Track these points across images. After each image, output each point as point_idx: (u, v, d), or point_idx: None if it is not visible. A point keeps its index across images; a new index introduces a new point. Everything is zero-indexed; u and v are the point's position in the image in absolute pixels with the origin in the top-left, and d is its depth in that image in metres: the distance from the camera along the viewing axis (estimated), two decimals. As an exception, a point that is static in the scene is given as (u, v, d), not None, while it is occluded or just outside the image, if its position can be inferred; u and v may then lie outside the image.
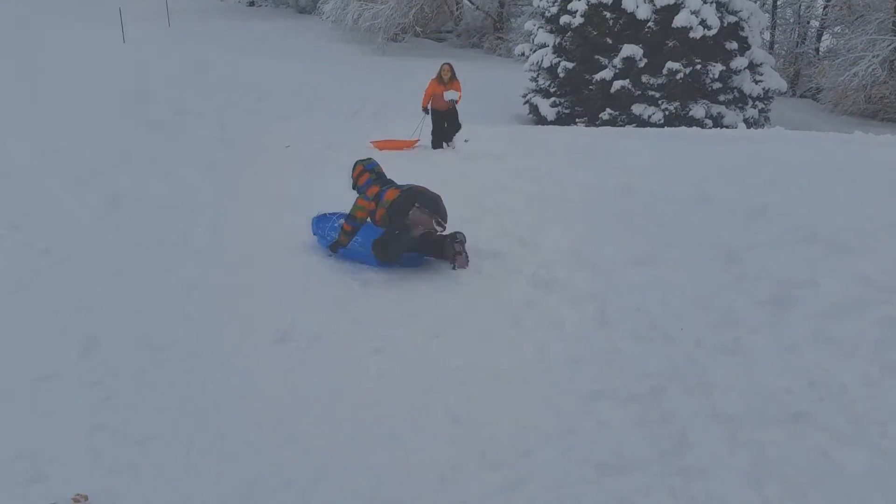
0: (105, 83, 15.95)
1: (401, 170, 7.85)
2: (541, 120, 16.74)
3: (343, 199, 5.61)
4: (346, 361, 3.75)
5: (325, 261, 5.19)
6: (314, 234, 5.47)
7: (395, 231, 4.75)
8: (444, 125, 10.38)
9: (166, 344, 3.86)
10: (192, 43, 25.18)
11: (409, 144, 10.39)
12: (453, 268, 4.84)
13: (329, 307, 4.41)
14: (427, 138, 10.57)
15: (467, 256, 4.85)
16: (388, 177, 5.33)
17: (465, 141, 10.46)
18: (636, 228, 5.79)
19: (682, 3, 14.80)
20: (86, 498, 2.59)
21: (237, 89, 16.60)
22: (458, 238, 4.81)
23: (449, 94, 10.12)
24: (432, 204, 4.75)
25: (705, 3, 14.96)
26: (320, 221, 5.63)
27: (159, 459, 2.86)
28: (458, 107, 10.41)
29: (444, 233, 4.82)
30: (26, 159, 8.51)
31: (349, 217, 5.00)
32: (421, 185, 5.08)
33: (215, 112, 13.35)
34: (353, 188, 5.26)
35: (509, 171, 8.34)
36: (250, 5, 42.27)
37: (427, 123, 10.52)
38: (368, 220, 5.02)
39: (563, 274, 4.78)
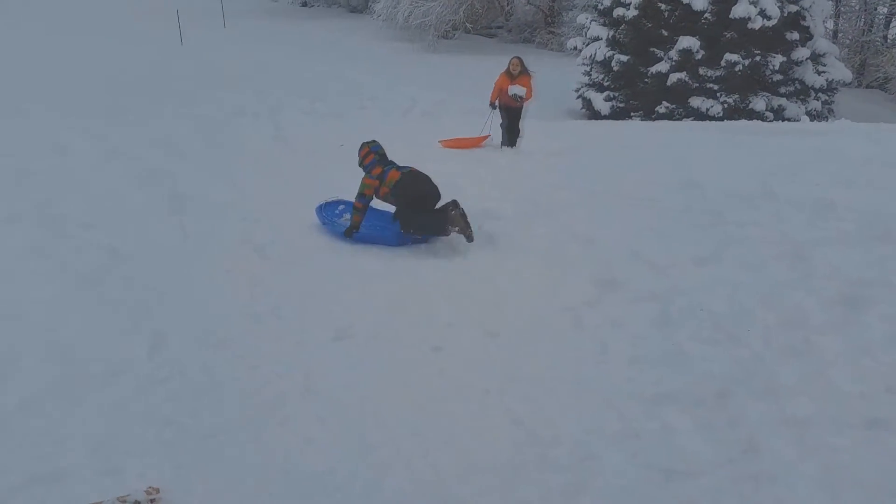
0: (164, 84, 16.39)
1: (453, 166, 7.87)
2: (594, 114, 16.51)
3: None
4: (405, 360, 3.76)
5: (382, 261, 5.21)
6: (322, 223, 5.82)
7: (407, 209, 5.28)
8: (510, 123, 9.64)
9: (230, 341, 3.94)
10: (247, 44, 25.70)
11: (479, 142, 9.83)
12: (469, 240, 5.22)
13: (386, 306, 4.43)
14: (498, 135, 9.86)
15: (469, 224, 5.18)
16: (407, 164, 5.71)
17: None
18: (697, 225, 5.65)
19: (740, -8, 14.39)
20: (157, 491, 2.66)
21: (292, 89, 16.83)
22: (461, 211, 5.15)
23: (513, 89, 9.37)
24: (426, 196, 5.32)
25: (765, -9, 14.51)
26: (325, 209, 6.01)
27: (227, 454, 2.92)
28: (526, 107, 9.49)
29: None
30: (90, 159, 8.78)
31: (359, 195, 5.43)
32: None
33: (271, 112, 13.57)
34: (360, 166, 5.69)
35: (563, 167, 8.24)
36: (303, 6, 42.87)
37: (496, 118, 9.84)
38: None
39: (622, 273, 4.69)
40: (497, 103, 9.67)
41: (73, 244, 5.54)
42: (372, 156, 5.63)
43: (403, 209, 5.29)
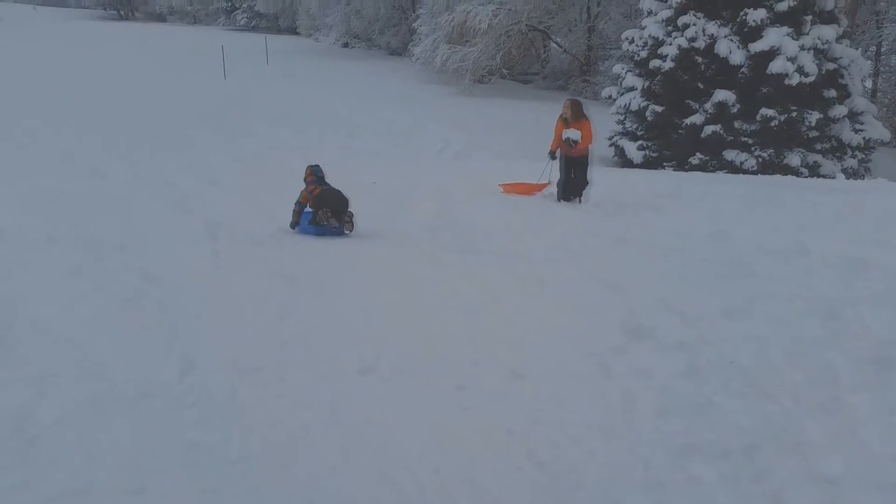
0: (204, 115, 16.89)
1: (487, 207, 7.95)
2: (626, 163, 16.57)
3: (423, 234, 5.66)
4: (428, 397, 3.77)
5: (410, 297, 5.26)
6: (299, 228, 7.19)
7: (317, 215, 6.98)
8: (572, 174, 8.92)
9: (258, 367, 3.99)
10: (288, 81, 26.39)
11: (538, 189, 9.31)
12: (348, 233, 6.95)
13: (412, 342, 4.45)
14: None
15: (353, 224, 6.98)
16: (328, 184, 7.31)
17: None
18: (728, 278, 5.62)
19: (777, 49, 14.44)
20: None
21: (328, 126, 17.22)
22: (349, 216, 6.99)
23: (567, 132, 8.73)
24: (333, 205, 6.93)
25: (802, 49, 14.55)
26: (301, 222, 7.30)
27: (252, 480, 2.94)
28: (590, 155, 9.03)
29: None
30: (127, 185, 9.06)
31: (296, 202, 7.13)
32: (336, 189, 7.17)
33: (307, 147, 13.87)
34: (304, 181, 7.30)
35: (593, 213, 8.28)
36: (344, 47, 44.02)
37: (556, 169, 9.17)
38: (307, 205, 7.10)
39: (651, 321, 4.67)
40: (557, 153, 9.01)
41: (109, 267, 5.70)
42: (311, 176, 7.30)
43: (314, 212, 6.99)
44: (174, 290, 5.23)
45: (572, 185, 8.89)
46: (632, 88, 16.69)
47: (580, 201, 8.83)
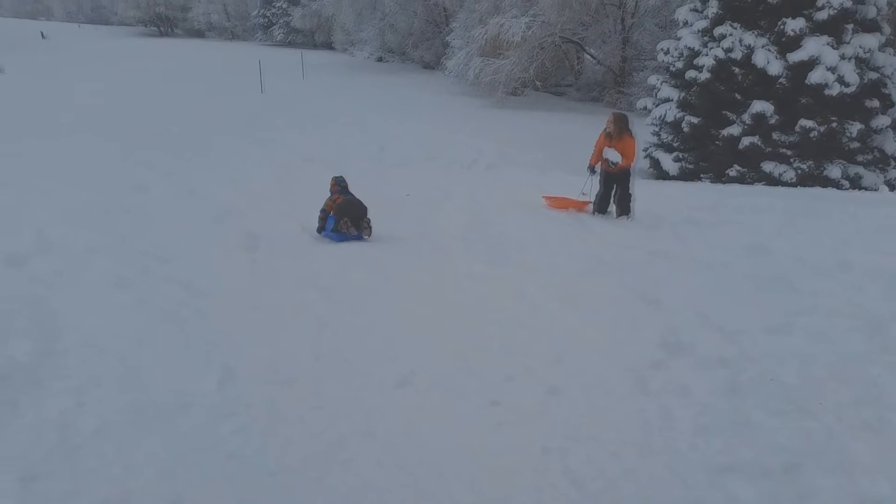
0: (242, 129, 17.18)
1: (519, 219, 7.93)
2: (662, 174, 16.38)
3: (457, 246, 5.66)
4: (464, 412, 3.76)
5: (445, 310, 5.26)
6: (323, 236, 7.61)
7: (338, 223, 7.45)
8: (613, 189, 8.64)
9: (296, 378, 4.04)
10: (323, 94, 26.73)
11: (581, 206, 9.01)
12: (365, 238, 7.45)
13: (446, 356, 4.45)
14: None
15: (370, 229, 7.50)
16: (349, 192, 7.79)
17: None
18: (769, 292, 5.51)
19: (817, 59, 14.17)
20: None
21: (362, 138, 17.37)
22: (366, 223, 7.50)
23: (608, 154, 8.42)
24: (352, 213, 7.41)
25: (843, 59, 14.26)
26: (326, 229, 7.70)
27: (288, 492, 2.97)
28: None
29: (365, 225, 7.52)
30: (169, 197, 9.24)
31: (322, 209, 7.62)
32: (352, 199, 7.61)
33: (341, 160, 14.00)
34: (330, 190, 7.77)
35: (629, 226, 8.20)
36: (379, 61, 44.52)
37: (596, 183, 8.91)
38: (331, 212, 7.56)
39: (689, 337, 4.60)
40: (597, 168, 8.70)
41: (152, 279, 5.81)
42: (336, 186, 7.80)
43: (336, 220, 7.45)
44: (214, 302, 5.31)
45: (617, 202, 8.59)
46: (667, 99, 16.53)
47: (628, 218, 8.48)
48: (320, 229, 7.58)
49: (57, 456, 3.18)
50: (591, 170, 8.74)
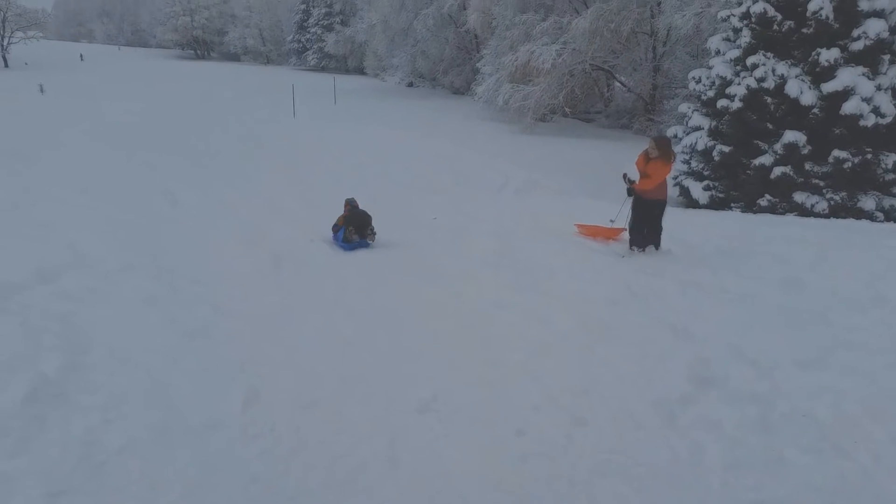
0: (273, 152, 17.44)
1: (546, 246, 7.88)
2: (692, 203, 16.22)
3: (484, 272, 5.62)
4: (488, 440, 3.72)
5: (471, 334, 5.23)
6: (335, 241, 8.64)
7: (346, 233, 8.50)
8: (646, 220, 8.05)
9: (319, 401, 4.03)
10: (354, 118, 27.06)
11: (614, 235, 8.66)
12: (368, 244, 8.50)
13: (471, 380, 4.42)
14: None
15: (374, 235, 8.56)
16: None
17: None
18: (802, 326, 5.38)
19: (852, 89, 13.99)
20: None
21: (390, 162, 17.50)
22: (370, 230, 8.59)
23: (630, 174, 8.09)
24: (357, 222, 8.54)
25: (879, 90, 14.06)
26: (336, 238, 8.70)
27: (309, 518, 2.95)
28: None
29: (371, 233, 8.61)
30: (200, 216, 9.36)
31: (333, 225, 8.85)
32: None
33: (370, 183, 14.11)
34: (343, 209, 8.97)
35: (659, 255, 8.10)
36: (409, 86, 45.06)
37: (627, 208, 8.33)
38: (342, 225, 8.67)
39: (721, 370, 4.50)
40: (632, 190, 8.10)
41: (182, 298, 5.87)
42: (347, 206, 9.00)
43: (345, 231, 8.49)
44: (241, 323, 5.35)
45: (649, 232, 8.08)
46: (698, 128, 16.42)
47: (656, 248, 8.11)
48: (335, 239, 8.71)
49: (82, 472, 3.20)
50: (629, 192, 8.13)
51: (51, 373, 4.12)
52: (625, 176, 8.18)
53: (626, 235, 8.42)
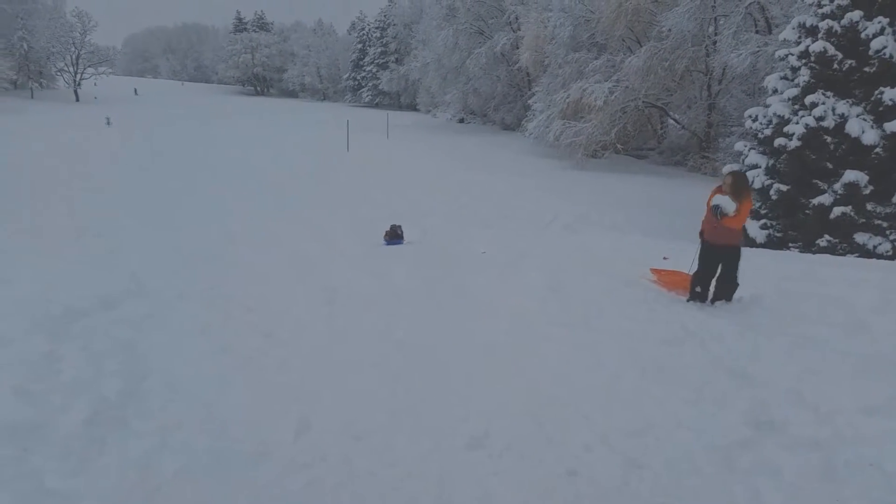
0: (328, 184, 17.80)
1: (601, 283, 7.80)
2: (748, 242, 15.86)
3: (533, 307, 5.58)
4: (539, 480, 3.65)
5: (521, 368, 5.17)
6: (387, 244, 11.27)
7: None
8: (717, 269, 7.08)
9: (369, 433, 4.03)
10: (406, 153, 27.49)
11: (684, 284, 7.62)
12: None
13: (521, 416, 4.35)
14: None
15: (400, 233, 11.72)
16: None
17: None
18: (867, 371, 5.15)
19: (916, 128, 13.62)
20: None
21: (441, 197, 17.67)
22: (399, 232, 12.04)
23: (718, 199, 6.79)
24: (392, 230, 11.71)
25: (945, 128, 13.63)
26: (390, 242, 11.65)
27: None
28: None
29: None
30: (256, 248, 9.59)
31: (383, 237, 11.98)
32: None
33: (420, 217, 14.25)
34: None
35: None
36: (460, 122, 45.66)
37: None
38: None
39: (781, 414, 4.34)
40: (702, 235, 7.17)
41: (235, 326, 5.98)
42: (389, 228, 11.73)
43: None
44: (293, 352, 5.41)
45: (718, 285, 7.13)
46: (755, 166, 16.13)
47: (727, 301, 7.13)
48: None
49: (138, 495, 3.27)
50: (702, 236, 7.18)
51: (112, 396, 4.24)
52: (718, 208, 6.79)
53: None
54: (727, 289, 7.12)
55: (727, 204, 6.69)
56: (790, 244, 15.06)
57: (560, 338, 5.98)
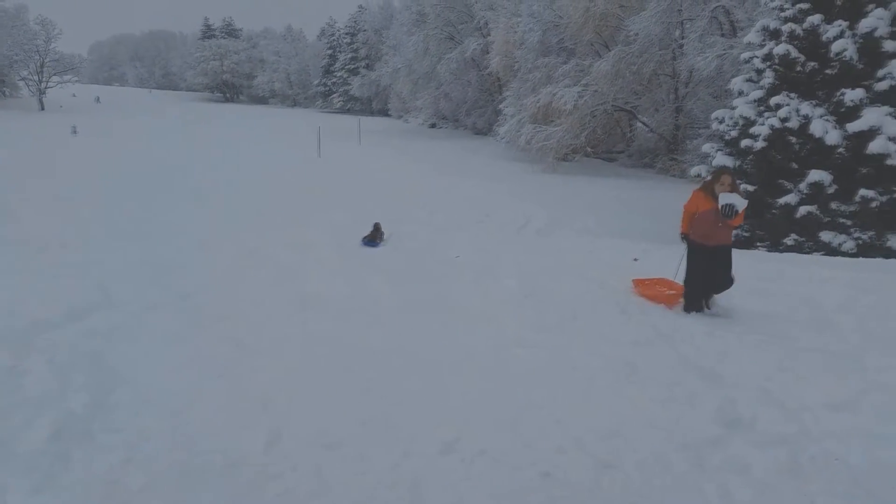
0: (300, 191, 17.69)
1: (575, 288, 7.83)
2: (716, 243, 16.11)
3: (507, 311, 5.59)
4: (512, 483, 3.65)
5: (495, 375, 5.18)
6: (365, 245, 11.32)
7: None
8: (711, 271, 6.87)
9: (341, 442, 4.00)
10: (377, 159, 27.42)
11: (671, 301, 7.31)
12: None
13: (494, 421, 4.36)
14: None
15: (382, 235, 11.93)
16: None
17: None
18: (833, 368, 5.26)
19: (878, 128, 13.92)
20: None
21: (412, 201, 17.63)
22: (380, 235, 11.93)
23: (726, 198, 6.55)
24: (372, 231, 11.82)
25: (905, 128, 13.97)
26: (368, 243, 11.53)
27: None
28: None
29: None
30: (228, 256, 9.47)
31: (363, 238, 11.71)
32: None
33: (391, 222, 14.19)
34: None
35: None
36: (432, 127, 45.72)
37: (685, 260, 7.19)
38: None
39: (749, 412, 4.40)
40: (688, 237, 7.03)
41: (206, 335, 5.91)
42: (372, 226, 12.00)
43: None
44: (265, 361, 5.35)
45: (716, 285, 6.94)
46: (722, 167, 16.39)
47: (711, 305, 7.06)
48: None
49: (103, 513, 3.20)
50: (684, 238, 7.10)
51: (79, 410, 4.16)
52: (728, 207, 6.56)
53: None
54: (723, 287, 6.96)
55: (739, 202, 6.56)
56: (758, 243, 15.32)
57: (533, 341, 6.00)
